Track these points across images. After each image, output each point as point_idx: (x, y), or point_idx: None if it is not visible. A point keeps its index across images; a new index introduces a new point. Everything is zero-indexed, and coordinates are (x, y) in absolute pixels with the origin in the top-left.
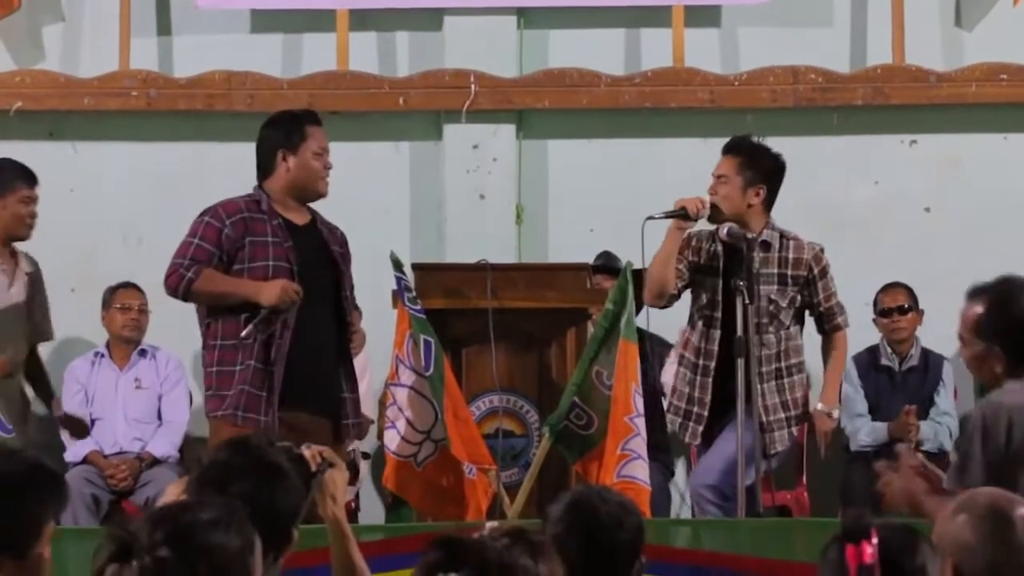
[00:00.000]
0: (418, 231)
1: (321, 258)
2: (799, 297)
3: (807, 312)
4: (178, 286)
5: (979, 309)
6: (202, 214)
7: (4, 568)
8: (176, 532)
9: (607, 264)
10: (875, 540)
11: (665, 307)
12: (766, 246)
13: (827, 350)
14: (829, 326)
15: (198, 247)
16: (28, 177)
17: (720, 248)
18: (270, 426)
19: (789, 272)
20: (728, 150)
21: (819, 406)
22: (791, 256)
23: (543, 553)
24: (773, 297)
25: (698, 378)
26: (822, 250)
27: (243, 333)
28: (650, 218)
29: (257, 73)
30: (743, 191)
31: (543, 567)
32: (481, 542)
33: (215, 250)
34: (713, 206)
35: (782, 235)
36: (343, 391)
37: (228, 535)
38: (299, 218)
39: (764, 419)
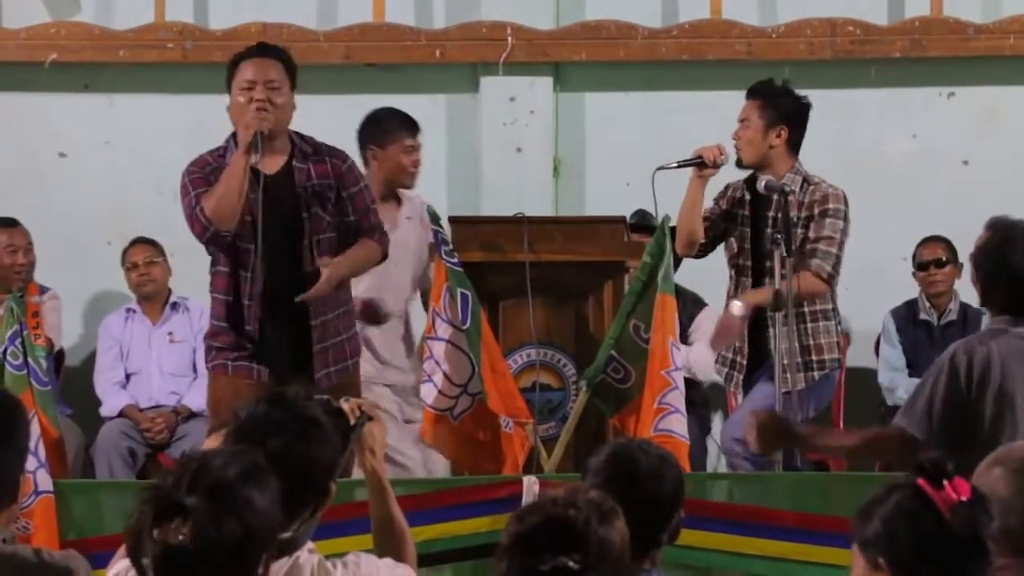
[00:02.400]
0: (455, 184)
1: (288, 208)
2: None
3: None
4: (201, 224)
5: (980, 239)
6: (182, 175)
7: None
8: (219, 490)
9: (642, 223)
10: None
11: (698, 257)
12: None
13: None
14: (802, 264)
15: (197, 192)
16: (410, 126)
17: (747, 196)
18: (262, 376)
19: (802, 214)
20: (751, 93)
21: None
22: (807, 199)
23: (614, 518)
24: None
25: None
26: (836, 195)
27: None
28: (661, 168)
29: (293, 25)
30: (764, 133)
31: (619, 527)
32: (580, 522)
33: (209, 187)
34: (738, 152)
35: (805, 179)
36: (314, 344)
37: (261, 489)
38: (270, 164)
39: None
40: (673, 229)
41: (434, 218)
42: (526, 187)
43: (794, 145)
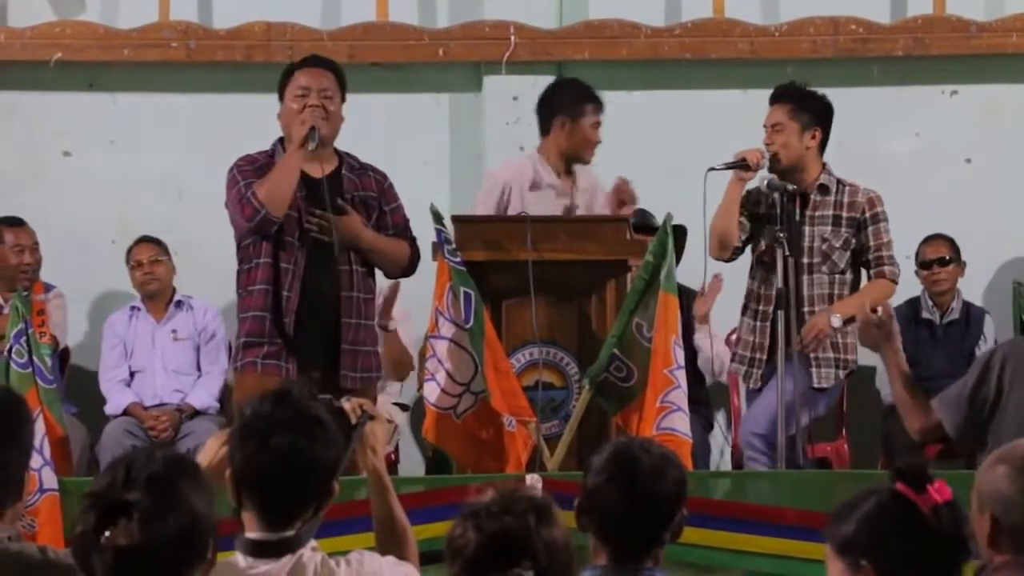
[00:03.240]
0: (458, 183)
1: (333, 209)
2: (853, 240)
3: (858, 261)
4: (253, 208)
5: None
6: (229, 169)
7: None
8: (155, 482)
9: (640, 222)
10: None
11: (730, 260)
12: (824, 189)
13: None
14: (874, 272)
15: (247, 181)
16: (599, 101)
17: (778, 197)
18: (293, 372)
19: (844, 214)
20: (778, 98)
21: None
22: (846, 200)
23: (552, 516)
24: (826, 237)
25: (757, 323)
26: (879, 197)
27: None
28: (712, 169)
29: (297, 24)
30: (800, 136)
31: (560, 523)
32: (522, 529)
33: (258, 178)
34: (773, 156)
35: (839, 181)
36: (343, 343)
37: (192, 478)
38: (317, 168)
39: (812, 355)
40: (676, 228)
41: (437, 217)
42: None
43: (822, 146)
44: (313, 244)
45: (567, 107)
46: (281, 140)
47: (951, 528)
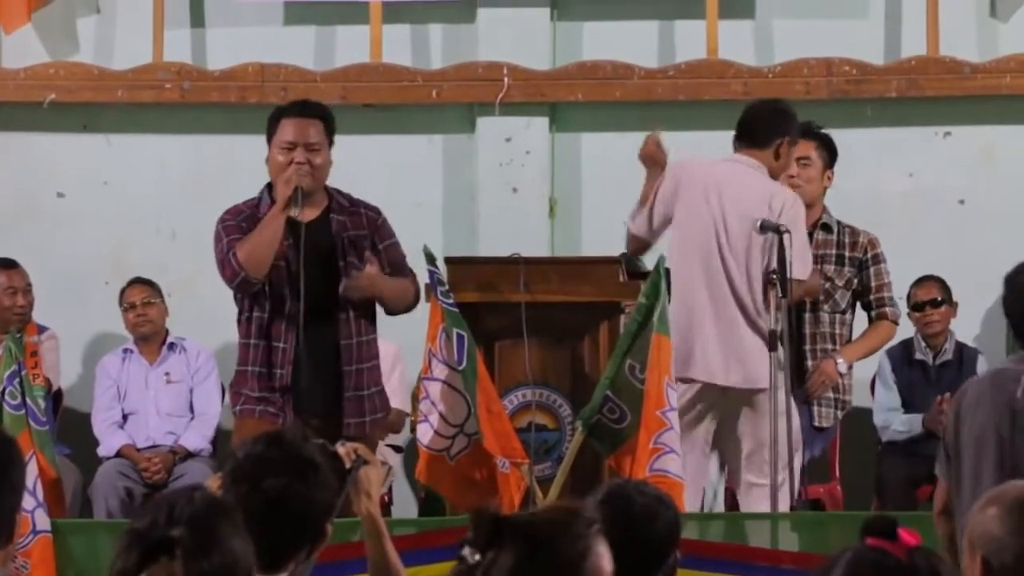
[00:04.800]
0: (451, 224)
1: (324, 255)
2: (855, 280)
3: (859, 302)
4: (232, 270)
5: None
6: (216, 223)
7: None
8: (198, 521)
9: (631, 267)
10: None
11: None
12: (827, 228)
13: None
14: (876, 313)
15: (230, 239)
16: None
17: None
18: (288, 422)
19: (847, 253)
20: (804, 134)
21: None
22: (848, 240)
23: (594, 531)
24: (830, 275)
25: None
26: (878, 239)
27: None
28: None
29: (290, 65)
30: (822, 173)
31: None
32: (506, 518)
33: (243, 234)
34: (798, 189)
35: (838, 222)
36: (345, 391)
37: (232, 519)
38: (308, 214)
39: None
40: (668, 271)
41: (429, 258)
42: (522, 227)
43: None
44: (307, 293)
45: (792, 132)
46: (269, 186)
47: (928, 568)
